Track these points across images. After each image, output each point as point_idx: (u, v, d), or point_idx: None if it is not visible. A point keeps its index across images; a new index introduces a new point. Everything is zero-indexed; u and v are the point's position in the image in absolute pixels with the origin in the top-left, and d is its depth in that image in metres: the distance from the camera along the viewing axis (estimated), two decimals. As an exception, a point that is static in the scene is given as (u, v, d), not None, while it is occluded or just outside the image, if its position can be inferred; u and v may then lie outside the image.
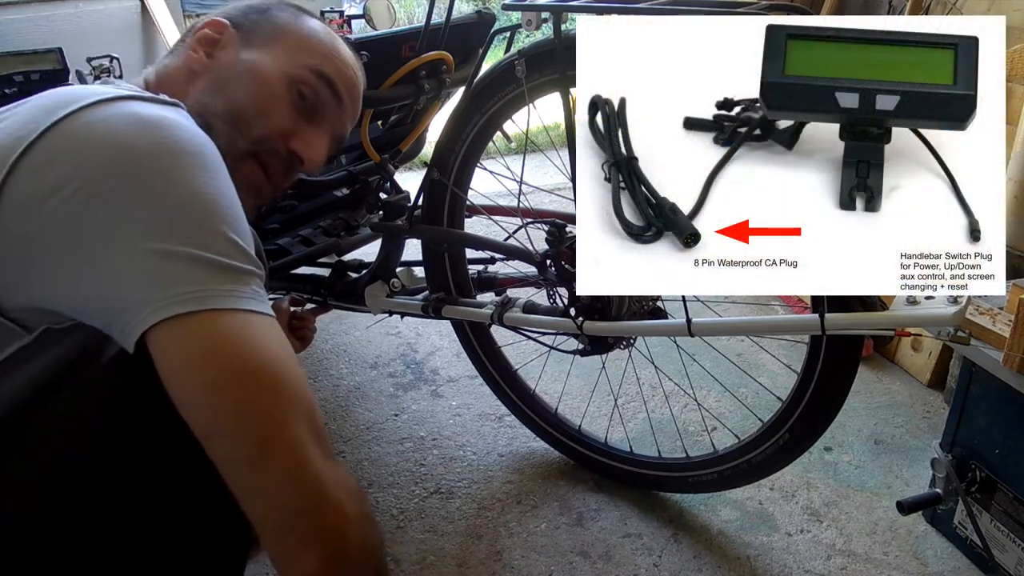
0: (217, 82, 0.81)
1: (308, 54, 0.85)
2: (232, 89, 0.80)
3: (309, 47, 0.86)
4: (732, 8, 1.12)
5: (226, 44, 0.83)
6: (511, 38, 1.28)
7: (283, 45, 0.84)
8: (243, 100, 0.80)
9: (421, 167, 2.09)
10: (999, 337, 1.06)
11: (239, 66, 0.82)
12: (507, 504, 1.38)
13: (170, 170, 0.60)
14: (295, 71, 0.83)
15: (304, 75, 0.84)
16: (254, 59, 0.82)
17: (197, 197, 0.60)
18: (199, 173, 0.61)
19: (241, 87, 0.81)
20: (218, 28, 0.83)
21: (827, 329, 0.99)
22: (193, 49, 0.82)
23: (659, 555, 1.26)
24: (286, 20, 0.86)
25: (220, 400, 0.56)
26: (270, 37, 0.84)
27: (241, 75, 0.81)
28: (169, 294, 0.56)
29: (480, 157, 1.29)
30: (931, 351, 1.72)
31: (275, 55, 0.83)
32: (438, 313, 1.36)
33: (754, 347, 1.85)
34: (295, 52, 0.84)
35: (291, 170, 0.87)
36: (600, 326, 1.18)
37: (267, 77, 0.82)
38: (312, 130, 0.86)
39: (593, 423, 1.56)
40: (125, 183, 0.58)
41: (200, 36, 0.83)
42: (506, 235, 1.33)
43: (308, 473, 0.57)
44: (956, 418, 1.20)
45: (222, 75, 0.81)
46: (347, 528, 0.58)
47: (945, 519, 1.27)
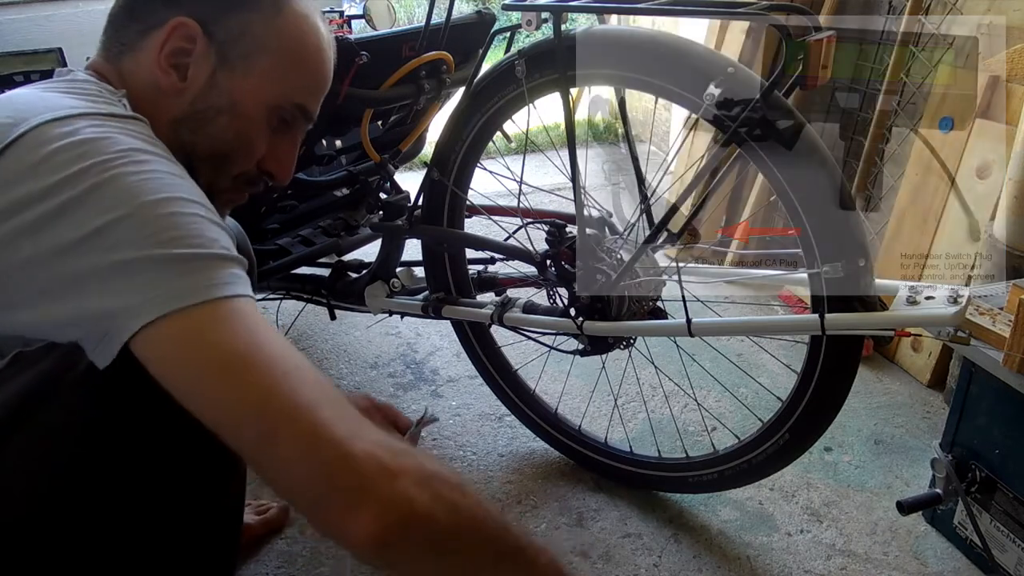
0: (196, 117, 0.76)
1: (288, 81, 0.79)
2: (213, 127, 0.77)
3: (290, 70, 0.79)
4: (732, 8, 1.12)
5: (200, 61, 0.75)
6: (511, 38, 1.28)
7: (263, 69, 0.77)
8: (225, 139, 0.77)
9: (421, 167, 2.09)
10: (999, 337, 1.06)
11: (218, 98, 0.76)
12: (507, 504, 1.38)
13: (113, 181, 0.59)
14: (275, 102, 0.79)
15: (284, 106, 0.80)
16: (233, 90, 0.76)
17: (154, 198, 0.59)
18: (143, 176, 0.60)
19: (223, 125, 0.77)
20: (188, 37, 0.75)
21: (827, 329, 0.99)
22: (162, 68, 0.74)
23: (659, 555, 1.26)
24: (262, 29, 0.77)
25: (215, 393, 0.55)
26: (248, 56, 0.77)
27: (223, 111, 0.76)
28: (143, 300, 0.55)
29: (480, 157, 1.29)
30: (931, 351, 1.72)
31: (256, 84, 0.77)
32: (438, 313, 1.36)
33: (754, 347, 1.84)
34: (276, 79, 0.78)
35: (261, 181, 0.85)
36: (600, 326, 1.18)
37: (250, 115, 0.78)
38: (282, 144, 0.84)
39: (593, 423, 1.56)
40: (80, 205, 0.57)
41: (169, 49, 0.74)
42: (506, 235, 1.33)
43: (324, 439, 0.54)
44: (956, 418, 1.20)
45: (198, 107, 0.76)
46: (394, 482, 0.54)
47: (945, 519, 1.27)
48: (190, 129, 0.76)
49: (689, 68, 1.00)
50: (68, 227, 0.56)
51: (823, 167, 0.97)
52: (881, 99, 1.92)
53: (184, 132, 0.76)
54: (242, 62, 0.76)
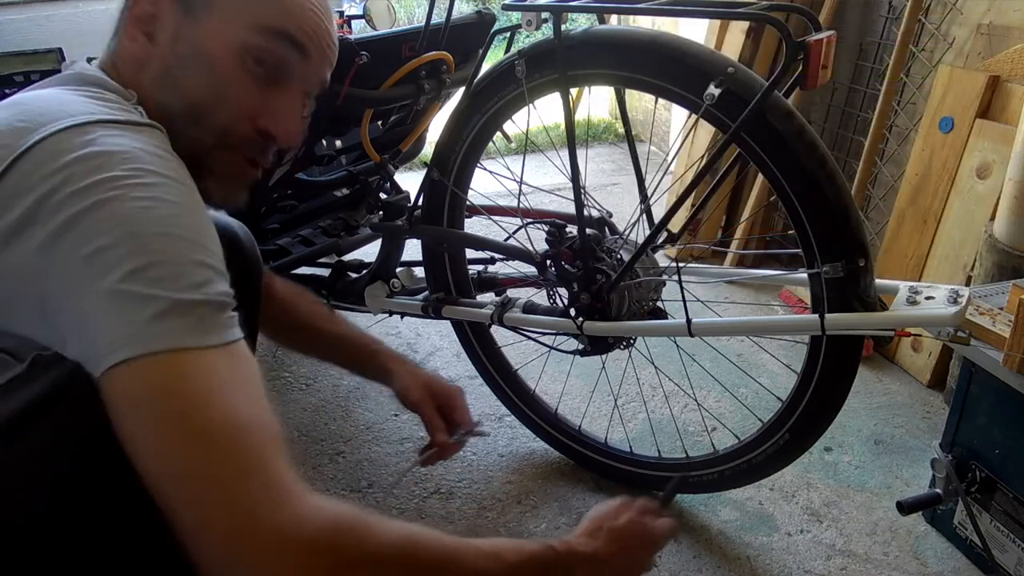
0: (165, 75, 0.72)
1: (256, 8, 0.73)
2: (182, 81, 0.72)
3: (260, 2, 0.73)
4: (732, 8, 1.12)
5: (164, 18, 0.72)
6: (511, 38, 1.28)
7: (229, 10, 0.72)
8: (196, 92, 0.72)
9: (421, 167, 2.09)
10: (999, 337, 1.06)
11: (183, 49, 0.72)
12: (507, 504, 1.38)
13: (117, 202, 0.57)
14: (245, 37, 0.72)
15: (256, 40, 0.73)
16: (197, 36, 0.72)
17: (151, 231, 0.57)
18: (147, 202, 0.58)
19: (190, 77, 0.72)
20: (154, 1, 0.72)
21: (827, 329, 0.99)
22: (131, 35, 0.72)
23: (659, 555, 1.26)
24: None
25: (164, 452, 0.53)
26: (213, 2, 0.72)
27: (187, 62, 0.72)
28: (118, 337, 0.54)
29: (480, 157, 1.29)
30: (931, 351, 1.72)
31: (219, 22, 0.72)
32: (438, 313, 1.36)
33: (754, 347, 1.84)
34: (240, 10, 0.72)
35: (267, 148, 0.79)
36: (600, 326, 1.18)
37: (215, 56, 0.72)
38: (279, 97, 0.76)
39: (593, 423, 1.56)
40: (80, 222, 0.56)
41: (136, 14, 0.72)
42: (506, 235, 1.33)
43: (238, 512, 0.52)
44: (956, 418, 1.20)
45: (168, 65, 0.72)
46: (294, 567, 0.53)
47: (945, 519, 1.27)
48: (164, 90, 0.72)
49: (689, 68, 1.00)
50: (70, 244, 0.56)
51: (823, 167, 0.97)
52: (881, 99, 1.93)
53: (158, 94, 0.72)
54: (205, 7, 0.72)
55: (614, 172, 3.27)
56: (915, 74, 1.95)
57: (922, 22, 1.89)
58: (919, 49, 1.92)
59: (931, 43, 1.90)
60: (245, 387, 0.57)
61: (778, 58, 2.26)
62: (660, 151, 3.32)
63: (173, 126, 0.71)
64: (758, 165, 1.00)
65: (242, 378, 0.57)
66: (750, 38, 2.24)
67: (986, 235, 1.47)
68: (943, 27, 1.86)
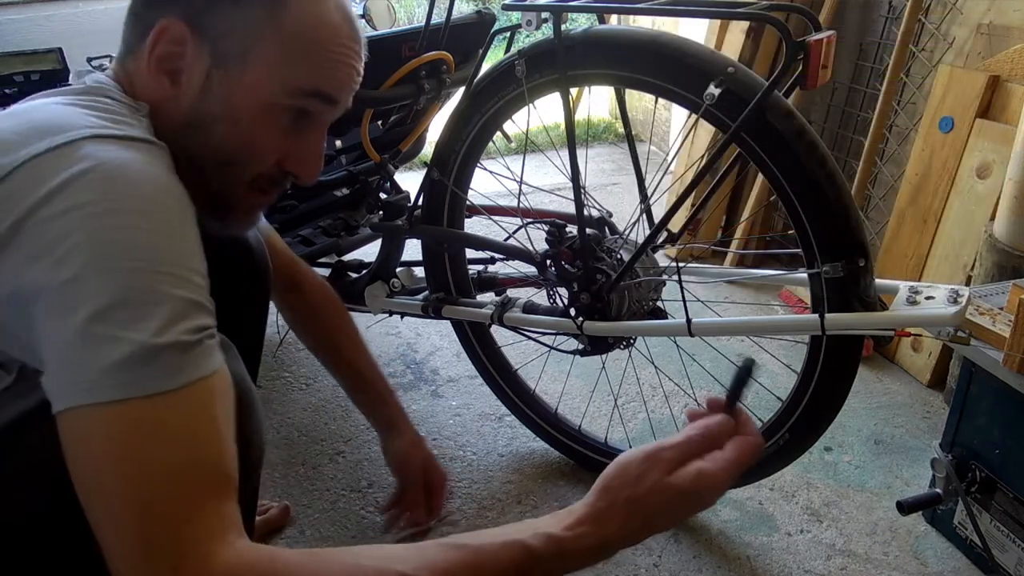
0: (193, 125, 0.70)
1: (295, 65, 0.70)
2: (213, 136, 0.70)
3: (296, 51, 0.70)
4: (732, 8, 1.12)
5: (192, 65, 0.69)
6: (511, 38, 1.28)
7: (263, 63, 0.69)
8: (227, 144, 0.71)
9: (421, 167, 2.09)
10: (999, 337, 1.06)
11: (215, 103, 0.70)
12: (507, 504, 1.38)
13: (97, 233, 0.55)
14: (279, 97, 0.71)
15: (289, 100, 0.71)
16: (229, 90, 0.69)
17: (124, 265, 0.55)
18: (133, 233, 0.56)
19: (221, 130, 0.70)
20: (177, 40, 0.68)
21: (827, 329, 0.99)
22: (153, 74, 0.69)
23: (659, 555, 1.26)
24: (261, 16, 0.69)
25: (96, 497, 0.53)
26: (246, 51, 0.69)
27: (218, 115, 0.70)
28: (77, 381, 0.53)
29: (480, 157, 1.29)
30: (931, 351, 1.72)
31: (253, 79, 0.69)
32: (438, 313, 1.36)
33: (754, 347, 1.84)
34: (276, 69, 0.70)
35: (286, 180, 0.79)
36: (600, 326, 1.18)
37: (248, 113, 0.70)
38: (305, 140, 0.76)
39: (593, 423, 1.56)
40: (55, 250, 0.55)
41: (158, 54, 0.69)
42: (506, 235, 1.33)
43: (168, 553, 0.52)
44: (956, 418, 1.20)
45: (196, 115, 0.70)
46: None
47: (945, 519, 1.27)
48: (190, 136, 0.70)
49: (689, 68, 1.00)
50: (44, 270, 0.54)
51: (823, 167, 0.97)
52: (881, 99, 1.93)
53: (186, 139, 0.70)
54: (239, 59, 0.69)
55: (614, 172, 3.27)
56: (915, 74, 1.95)
57: (922, 22, 1.89)
58: (919, 49, 1.92)
59: (931, 43, 1.90)
60: (195, 429, 0.56)
61: (778, 58, 2.26)
62: (660, 151, 3.32)
63: (202, 165, 0.70)
64: (758, 165, 1.00)
65: (195, 419, 0.56)
66: (750, 38, 2.24)
67: (986, 235, 1.47)
68: (943, 27, 1.86)
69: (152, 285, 0.55)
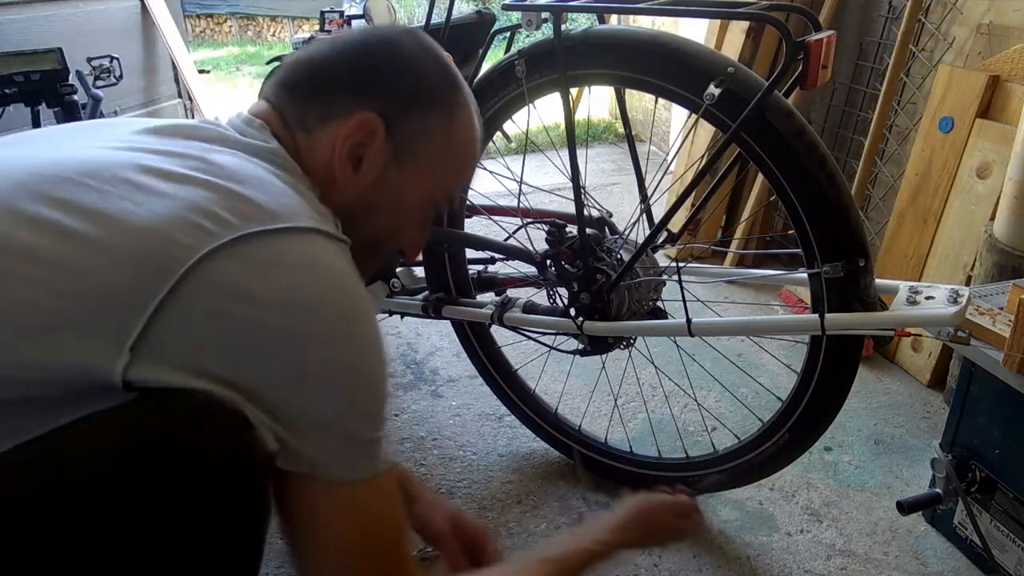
0: (361, 209, 0.76)
1: (451, 176, 0.80)
2: (376, 220, 0.77)
3: (453, 167, 0.80)
4: (732, 8, 1.12)
5: (375, 155, 0.74)
6: (511, 38, 1.28)
7: (431, 168, 0.77)
8: (384, 228, 0.79)
9: (421, 167, 2.08)
10: (999, 337, 1.06)
11: (387, 194, 0.76)
12: (507, 504, 1.38)
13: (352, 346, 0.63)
14: (433, 196, 0.80)
15: (439, 200, 0.81)
16: (401, 186, 0.76)
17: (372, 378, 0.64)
18: (371, 348, 0.64)
19: (386, 217, 0.78)
20: (371, 132, 0.73)
21: (827, 329, 0.99)
22: (341, 159, 0.73)
23: (659, 555, 1.26)
24: (438, 127, 0.77)
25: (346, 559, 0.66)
26: (419, 152, 0.76)
27: (387, 206, 0.77)
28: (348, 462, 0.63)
29: (480, 157, 1.29)
30: (931, 351, 1.72)
31: (422, 180, 0.77)
32: (438, 313, 1.36)
33: (754, 347, 1.85)
34: (439, 175, 0.79)
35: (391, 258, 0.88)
36: (600, 326, 1.18)
37: (411, 210, 0.79)
38: (426, 229, 0.84)
39: (593, 423, 1.56)
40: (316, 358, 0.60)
41: (352, 143, 0.73)
42: (506, 235, 1.33)
43: None
44: (956, 418, 1.20)
45: (367, 200, 0.76)
46: None
47: (945, 519, 1.27)
48: (353, 218, 0.75)
49: (689, 68, 1.00)
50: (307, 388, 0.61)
51: (823, 167, 0.97)
52: (881, 99, 1.93)
53: (349, 219, 0.75)
54: (412, 158, 0.76)
55: (614, 172, 3.27)
56: (915, 74, 1.95)
57: (922, 22, 1.89)
58: (919, 49, 1.92)
59: (931, 43, 1.90)
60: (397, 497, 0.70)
61: (778, 58, 2.26)
62: (660, 151, 3.32)
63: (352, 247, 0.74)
64: (758, 165, 1.00)
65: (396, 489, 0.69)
66: (750, 38, 2.24)
67: (986, 235, 1.47)
68: (943, 27, 1.86)
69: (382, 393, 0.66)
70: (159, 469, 0.56)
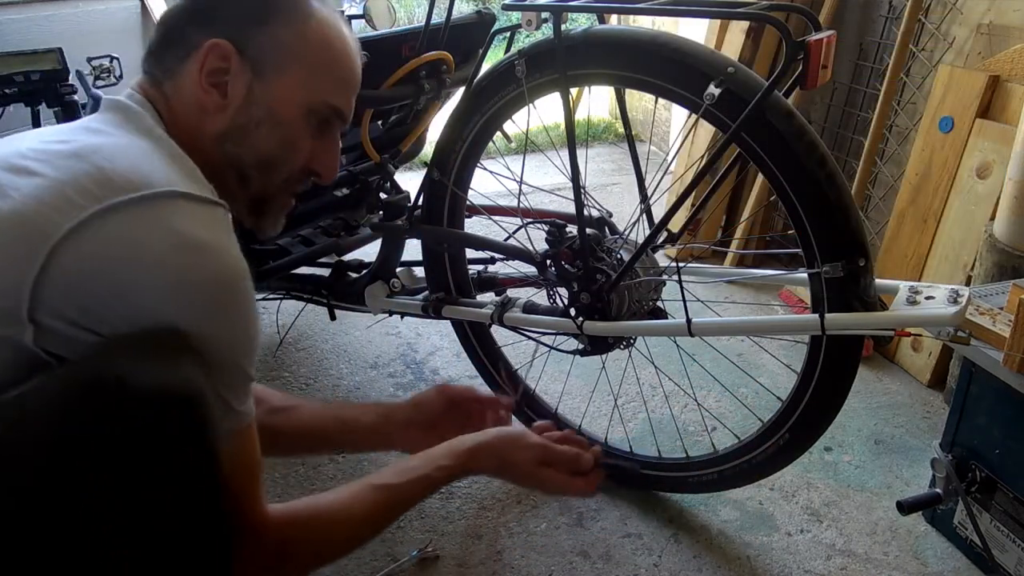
0: (239, 130, 0.81)
1: (320, 84, 0.83)
2: (256, 137, 0.82)
3: (320, 74, 0.83)
4: (732, 8, 1.12)
5: (236, 77, 0.79)
6: (511, 38, 1.28)
7: (294, 74, 0.82)
8: (269, 147, 0.82)
9: (421, 167, 2.09)
10: (999, 337, 1.06)
11: (258, 109, 0.81)
12: (507, 504, 1.38)
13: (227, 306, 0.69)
14: (310, 104, 0.83)
15: (319, 108, 0.84)
16: (269, 97, 0.81)
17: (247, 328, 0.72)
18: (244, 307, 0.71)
19: (265, 134, 0.82)
20: (223, 56, 0.79)
21: (827, 329, 0.99)
22: (203, 88, 0.79)
23: (659, 555, 1.26)
24: (291, 39, 0.81)
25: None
26: (281, 66, 0.81)
27: (263, 120, 0.81)
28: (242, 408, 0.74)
29: (480, 157, 1.29)
30: (931, 351, 1.72)
31: (289, 91, 0.82)
32: (438, 313, 1.36)
33: (754, 347, 1.84)
34: (308, 84, 0.83)
35: (307, 181, 0.90)
36: (600, 326, 1.18)
37: (288, 119, 0.82)
38: (328, 143, 0.88)
39: (593, 423, 1.56)
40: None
41: (208, 69, 0.79)
42: (506, 235, 1.33)
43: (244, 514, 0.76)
44: (956, 418, 1.20)
45: (242, 121, 0.81)
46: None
47: (945, 519, 1.27)
48: (234, 142, 0.81)
49: (689, 68, 1.00)
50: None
51: (823, 167, 0.97)
52: (881, 99, 1.93)
53: (229, 146, 0.81)
54: (275, 72, 0.80)
55: (614, 172, 3.27)
56: (915, 74, 1.95)
57: (922, 22, 1.89)
58: (919, 49, 1.92)
59: (931, 43, 1.90)
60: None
61: (778, 58, 2.26)
62: (660, 151, 3.32)
63: (245, 173, 0.83)
64: (758, 165, 1.00)
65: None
66: (750, 38, 2.24)
67: (986, 235, 1.47)
68: (943, 27, 1.86)
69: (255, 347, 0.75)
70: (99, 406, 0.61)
